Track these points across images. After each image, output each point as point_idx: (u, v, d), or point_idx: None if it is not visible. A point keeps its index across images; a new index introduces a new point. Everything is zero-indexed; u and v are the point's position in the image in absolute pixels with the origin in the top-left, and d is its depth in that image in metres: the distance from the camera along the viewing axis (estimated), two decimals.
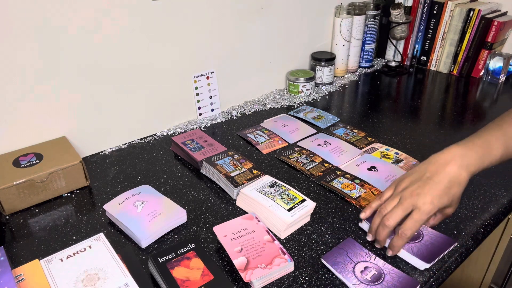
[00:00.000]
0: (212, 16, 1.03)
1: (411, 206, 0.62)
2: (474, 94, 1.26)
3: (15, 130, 0.84)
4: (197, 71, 1.06)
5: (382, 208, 0.65)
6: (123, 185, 0.85)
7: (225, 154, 0.88)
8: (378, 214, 0.65)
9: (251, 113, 1.15)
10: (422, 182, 0.63)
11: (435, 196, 0.61)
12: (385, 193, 0.68)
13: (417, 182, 0.64)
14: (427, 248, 0.65)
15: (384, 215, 0.64)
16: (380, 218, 0.65)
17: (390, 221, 0.62)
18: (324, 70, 1.27)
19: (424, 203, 0.61)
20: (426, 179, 0.63)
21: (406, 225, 0.62)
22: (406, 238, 0.62)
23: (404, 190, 0.64)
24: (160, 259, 0.62)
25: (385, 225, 0.63)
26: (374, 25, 1.39)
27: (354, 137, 1.00)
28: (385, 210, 0.64)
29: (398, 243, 0.63)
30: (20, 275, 0.60)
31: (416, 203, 0.61)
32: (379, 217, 0.65)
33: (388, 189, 0.68)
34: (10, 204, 0.76)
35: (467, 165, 0.63)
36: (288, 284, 0.62)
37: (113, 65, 0.91)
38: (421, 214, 0.61)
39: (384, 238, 0.65)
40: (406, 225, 0.62)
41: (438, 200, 0.61)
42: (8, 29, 0.76)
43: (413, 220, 0.61)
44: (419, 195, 0.62)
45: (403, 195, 0.63)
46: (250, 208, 0.76)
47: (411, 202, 0.62)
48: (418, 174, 0.65)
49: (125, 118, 0.98)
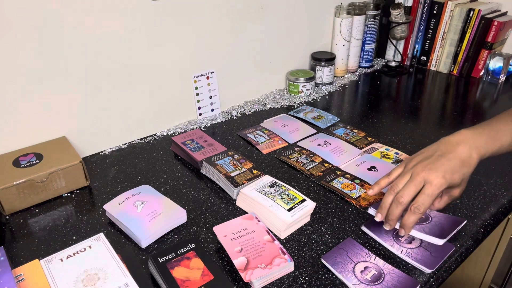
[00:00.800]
0: (212, 16, 1.03)
1: (423, 181, 0.61)
2: (474, 94, 1.26)
3: (15, 130, 0.84)
4: (197, 71, 1.06)
5: (394, 185, 0.64)
6: (123, 185, 0.85)
7: (225, 154, 0.88)
8: (390, 191, 0.64)
9: (251, 113, 1.15)
10: (433, 158, 0.63)
11: (447, 171, 0.61)
12: (394, 171, 0.67)
13: (428, 159, 0.63)
14: (438, 227, 0.65)
15: (396, 192, 0.63)
16: (392, 196, 0.64)
17: (404, 197, 0.61)
18: (324, 70, 1.27)
19: (437, 176, 0.60)
20: (437, 156, 0.63)
21: (419, 200, 0.61)
22: (419, 213, 0.61)
23: (415, 166, 0.63)
24: (160, 259, 0.62)
25: (398, 202, 0.62)
26: (374, 25, 1.39)
27: (354, 137, 1.00)
28: (397, 187, 0.63)
29: (411, 219, 0.62)
30: (20, 275, 0.60)
31: (428, 177, 0.61)
32: (392, 195, 0.64)
33: (397, 168, 0.67)
34: (10, 204, 0.76)
35: (477, 147, 0.63)
36: (288, 284, 0.62)
37: (113, 65, 0.91)
38: (433, 188, 0.60)
39: (397, 216, 0.63)
40: (419, 200, 0.61)
41: (450, 175, 0.61)
42: (8, 29, 0.76)
43: (425, 195, 0.61)
44: (431, 170, 0.61)
45: (414, 171, 0.63)
46: (250, 208, 0.76)
47: (423, 177, 0.61)
48: (429, 152, 0.65)
49: (125, 118, 0.98)
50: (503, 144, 0.65)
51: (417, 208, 0.61)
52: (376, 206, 0.68)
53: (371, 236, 0.70)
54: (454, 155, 0.62)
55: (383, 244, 0.68)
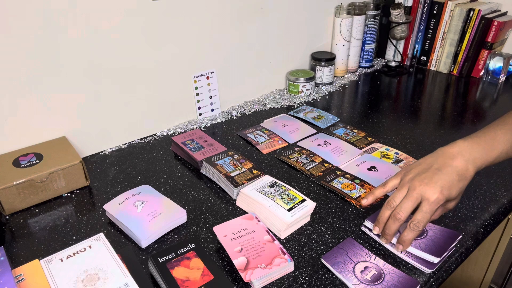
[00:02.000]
0: (212, 16, 1.03)
1: (420, 197, 0.61)
2: (474, 94, 1.26)
3: (15, 130, 0.84)
4: (197, 71, 1.06)
5: (391, 200, 0.64)
6: (123, 185, 0.85)
7: (225, 154, 0.88)
8: (386, 206, 0.64)
9: (251, 113, 1.15)
10: (430, 172, 0.62)
11: (445, 186, 0.61)
12: (390, 182, 0.67)
13: (425, 173, 0.63)
14: (434, 243, 0.65)
15: (394, 208, 0.63)
16: (389, 211, 0.63)
17: (401, 214, 0.61)
18: (324, 70, 1.27)
19: (434, 193, 0.60)
20: (434, 170, 0.62)
21: (417, 217, 0.61)
22: (418, 230, 0.61)
23: (413, 180, 0.63)
24: (160, 259, 0.62)
25: (396, 218, 0.62)
26: (374, 25, 1.39)
27: (354, 137, 1.00)
28: (394, 203, 0.63)
29: (409, 236, 0.62)
30: (20, 275, 0.60)
31: (425, 193, 0.61)
32: (389, 210, 0.64)
33: (393, 178, 0.67)
34: (10, 204, 0.76)
35: (474, 159, 0.63)
36: (288, 284, 0.62)
37: (113, 65, 0.91)
38: (431, 205, 0.60)
39: (394, 232, 0.63)
40: (417, 217, 0.61)
41: (447, 191, 0.61)
42: (9, 29, 0.76)
43: (423, 212, 0.61)
44: (428, 185, 0.61)
45: (411, 185, 0.62)
46: (250, 208, 0.76)
47: (420, 192, 0.61)
48: (425, 165, 0.64)
49: (125, 118, 0.98)
50: (499, 154, 0.65)
51: (416, 226, 0.61)
52: (372, 219, 0.69)
53: (371, 236, 0.70)
54: (451, 169, 0.62)
55: (383, 244, 0.68)
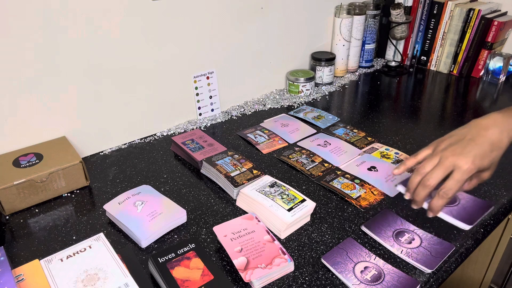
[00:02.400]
0: (212, 16, 1.03)
1: (452, 166, 0.61)
2: (474, 94, 1.26)
3: (15, 130, 0.84)
4: (197, 71, 1.06)
5: (421, 167, 0.63)
6: (123, 185, 0.85)
7: (225, 154, 0.88)
8: (416, 173, 0.64)
9: (251, 113, 1.15)
10: (463, 142, 0.62)
11: (477, 156, 0.60)
12: (422, 152, 0.67)
13: (458, 143, 0.62)
14: (465, 211, 0.65)
15: (424, 174, 0.63)
16: (419, 177, 0.63)
17: (431, 181, 0.61)
18: (324, 70, 1.27)
19: (466, 162, 0.60)
20: (467, 140, 0.62)
21: (448, 185, 0.61)
22: (447, 198, 0.61)
23: (445, 150, 0.63)
24: (160, 259, 0.62)
25: (425, 185, 0.62)
26: (374, 25, 1.39)
27: (354, 137, 1.00)
28: (424, 170, 0.63)
29: (439, 203, 0.62)
30: (20, 275, 0.60)
31: (457, 163, 0.60)
32: (419, 176, 0.63)
33: (425, 149, 0.67)
34: (10, 204, 0.76)
35: (508, 130, 0.63)
36: (288, 284, 0.62)
37: (113, 65, 0.91)
38: (462, 173, 0.60)
39: (423, 198, 0.63)
40: (447, 185, 0.61)
41: (479, 161, 0.61)
42: (9, 29, 0.76)
43: (455, 180, 0.60)
44: (460, 155, 0.61)
45: (443, 155, 0.62)
46: (250, 208, 0.76)
47: (452, 162, 0.61)
48: (459, 136, 0.64)
49: (125, 118, 0.98)
50: None
51: (445, 193, 0.61)
52: (404, 183, 0.68)
53: (371, 236, 0.70)
54: (484, 139, 0.62)
55: (383, 244, 0.68)
